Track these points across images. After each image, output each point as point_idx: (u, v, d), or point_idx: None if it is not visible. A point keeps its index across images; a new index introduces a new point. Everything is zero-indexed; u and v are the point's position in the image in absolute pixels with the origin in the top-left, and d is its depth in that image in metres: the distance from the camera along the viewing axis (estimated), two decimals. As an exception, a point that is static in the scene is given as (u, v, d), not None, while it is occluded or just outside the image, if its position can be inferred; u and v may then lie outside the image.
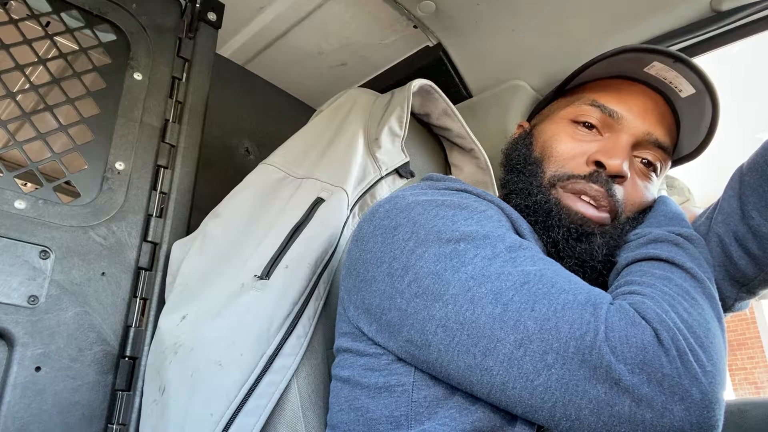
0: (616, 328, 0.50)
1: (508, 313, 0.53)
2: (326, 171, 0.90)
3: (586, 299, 0.52)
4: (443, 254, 0.58)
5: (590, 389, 0.49)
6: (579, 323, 0.51)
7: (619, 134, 0.74)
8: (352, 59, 1.31)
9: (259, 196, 0.87)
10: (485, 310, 0.54)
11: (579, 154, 0.75)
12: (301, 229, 0.81)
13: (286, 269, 0.77)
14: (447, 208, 0.63)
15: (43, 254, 0.75)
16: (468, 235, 0.59)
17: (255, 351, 0.71)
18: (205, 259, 0.80)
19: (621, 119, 0.75)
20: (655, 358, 0.48)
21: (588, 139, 0.76)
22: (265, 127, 1.36)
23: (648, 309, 0.52)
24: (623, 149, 0.73)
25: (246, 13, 1.19)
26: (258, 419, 0.68)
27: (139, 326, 0.81)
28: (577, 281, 0.56)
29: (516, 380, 0.51)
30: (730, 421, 1.02)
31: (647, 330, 0.50)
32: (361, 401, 0.63)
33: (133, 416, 0.76)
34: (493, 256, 0.57)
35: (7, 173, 0.76)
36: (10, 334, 0.70)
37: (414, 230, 0.61)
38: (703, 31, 1.07)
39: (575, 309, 0.52)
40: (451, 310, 0.55)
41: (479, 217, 0.62)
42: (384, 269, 0.62)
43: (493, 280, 0.55)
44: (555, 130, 0.79)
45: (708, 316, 0.54)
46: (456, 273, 0.56)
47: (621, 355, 0.49)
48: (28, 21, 0.87)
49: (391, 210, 0.65)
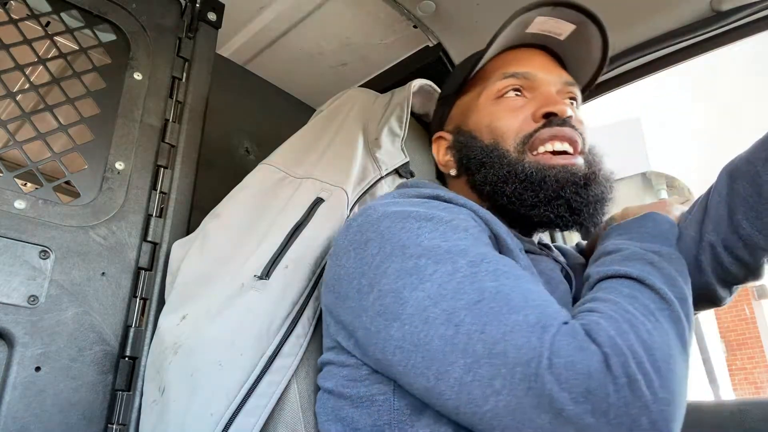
0: (562, 353, 0.48)
1: (459, 335, 0.52)
2: (326, 171, 0.90)
3: (536, 320, 0.50)
4: (404, 270, 0.58)
5: (536, 418, 0.47)
6: (526, 348, 0.48)
7: (542, 88, 0.79)
8: (352, 59, 1.31)
9: (258, 197, 0.87)
10: (438, 331, 0.53)
11: (523, 117, 0.77)
12: (301, 229, 0.81)
13: (286, 269, 0.77)
14: (413, 220, 0.62)
15: (43, 254, 0.75)
16: (430, 249, 0.58)
17: (255, 351, 0.71)
18: (205, 259, 0.80)
19: (536, 77, 0.79)
20: (600, 386, 0.46)
21: (520, 104, 0.78)
22: (265, 127, 1.36)
23: (601, 331, 0.49)
24: (554, 96, 0.78)
25: (246, 13, 1.19)
26: (258, 419, 0.68)
27: (139, 326, 0.81)
28: (534, 297, 0.54)
29: (466, 406, 0.51)
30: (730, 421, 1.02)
31: (596, 355, 0.47)
32: (345, 411, 0.64)
33: (133, 416, 0.76)
34: (453, 271, 0.56)
35: (7, 173, 0.76)
36: (10, 334, 0.70)
37: (381, 244, 0.61)
38: (703, 31, 1.07)
39: (523, 332, 0.50)
40: (407, 330, 0.55)
41: (444, 228, 0.61)
42: (354, 285, 0.62)
43: (449, 299, 0.54)
44: (487, 113, 0.80)
45: (671, 340, 0.52)
46: (414, 291, 0.56)
47: (565, 383, 0.46)
48: (28, 21, 0.87)
49: (363, 224, 0.66)
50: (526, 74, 0.79)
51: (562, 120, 0.75)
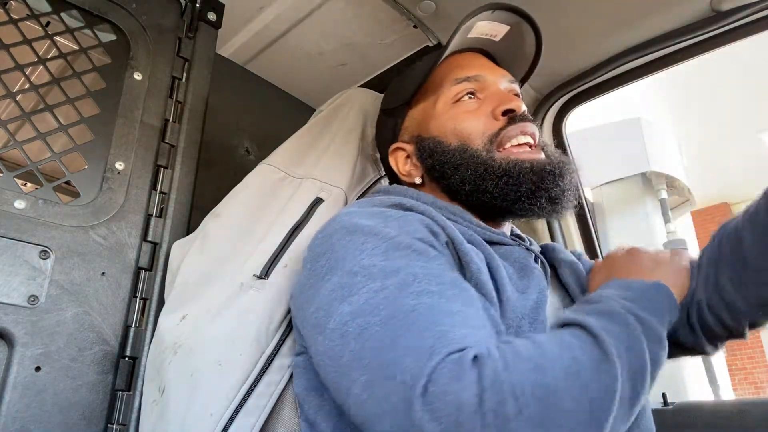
0: (439, 382, 0.46)
1: (364, 351, 0.52)
2: (325, 171, 0.90)
3: (430, 345, 0.49)
4: (340, 284, 0.59)
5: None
6: (410, 373, 0.48)
7: (492, 88, 0.82)
8: (352, 59, 1.31)
9: (258, 196, 0.87)
10: (348, 346, 0.54)
11: (484, 117, 0.80)
12: (301, 228, 0.81)
13: (285, 268, 0.77)
14: (360, 235, 0.63)
15: (43, 254, 0.75)
16: (366, 267, 0.59)
17: (254, 351, 0.71)
18: (204, 259, 0.81)
19: (485, 78, 0.83)
20: (468, 420, 0.44)
21: (477, 105, 0.82)
22: (265, 127, 1.36)
23: (490, 363, 0.47)
24: (506, 95, 0.81)
25: (246, 13, 1.19)
26: (257, 419, 0.68)
27: (139, 326, 0.81)
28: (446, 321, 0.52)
29: (367, 425, 0.51)
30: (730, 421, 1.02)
31: (471, 388, 0.45)
32: (310, 417, 0.65)
33: (133, 416, 0.76)
34: (380, 288, 0.56)
35: (7, 173, 0.76)
36: (10, 334, 0.70)
37: (329, 258, 0.63)
38: (703, 31, 1.07)
39: (414, 355, 0.49)
40: (328, 344, 0.56)
41: (386, 246, 0.61)
42: (305, 297, 0.64)
43: (366, 315, 0.54)
44: (449, 117, 0.82)
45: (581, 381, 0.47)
46: (341, 304, 0.57)
47: (435, 413, 0.45)
48: (28, 21, 0.87)
49: (323, 236, 0.67)
50: (477, 77, 0.83)
51: (522, 115, 0.79)
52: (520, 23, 0.86)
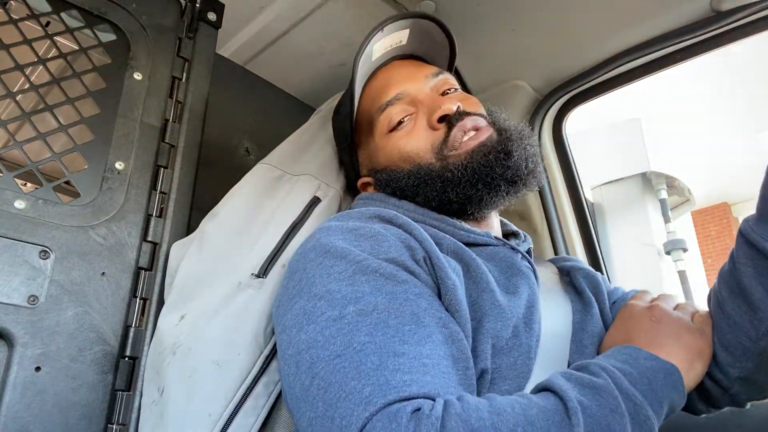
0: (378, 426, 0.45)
1: (311, 387, 0.53)
2: (322, 169, 0.90)
3: (369, 393, 0.48)
4: (303, 309, 0.59)
5: None
6: (345, 421, 0.47)
7: (418, 98, 0.83)
8: (352, 59, 1.31)
9: (256, 195, 0.87)
10: (299, 378, 0.55)
11: (423, 132, 0.80)
12: (299, 227, 0.81)
13: (284, 268, 0.77)
14: (330, 257, 0.63)
15: (43, 254, 0.75)
16: (330, 293, 0.59)
17: (252, 351, 0.71)
18: (203, 259, 0.81)
19: (407, 91, 0.83)
20: None
21: (411, 125, 0.82)
22: (265, 127, 1.36)
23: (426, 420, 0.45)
24: (434, 100, 0.81)
25: (246, 13, 1.19)
26: (256, 419, 0.68)
27: (139, 326, 0.81)
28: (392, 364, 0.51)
29: None
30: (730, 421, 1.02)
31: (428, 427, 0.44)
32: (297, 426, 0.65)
33: (133, 416, 0.76)
34: (338, 318, 0.56)
35: (7, 173, 0.76)
36: (10, 334, 0.70)
37: (300, 278, 0.64)
38: (703, 31, 1.07)
39: (352, 402, 0.48)
40: (285, 371, 0.58)
41: (354, 270, 0.60)
42: (278, 312, 0.66)
43: (318, 347, 0.55)
44: (392, 146, 0.83)
45: None
46: (300, 332, 0.58)
47: None
48: (28, 21, 0.87)
49: (299, 254, 0.68)
50: (398, 95, 0.83)
51: (457, 114, 0.79)
52: (416, 21, 0.87)
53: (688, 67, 1.17)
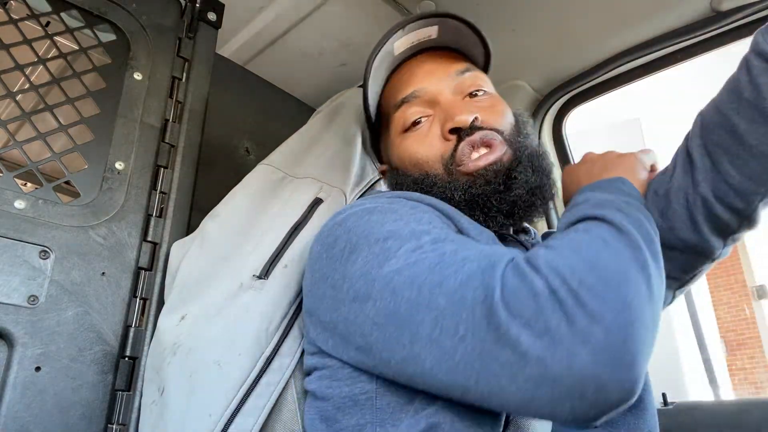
0: (508, 284, 0.49)
1: (422, 294, 0.53)
2: (325, 171, 0.90)
3: (488, 263, 0.52)
4: (372, 254, 0.59)
5: (499, 354, 0.47)
6: (481, 288, 0.50)
7: (436, 98, 0.80)
8: (352, 59, 1.31)
9: (257, 196, 0.87)
10: (404, 296, 0.54)
11: (437, 140, 0.78)
12: (300, 229, 0.81)
13: (285, 269, 0.77)
14: (378, 213, 0.64)
15: (43, 254, 0.75)
16: (394, 232, 0.60)
17: (253, 351, 0.71)
18: (204, 259, 0.81)
19: (426, 90, 0.80)
20: (547, 304, 0.47)
21: (426, 128, 0.80)
22: (265, 127, 1.36)
23: (540, 258, 0.51)
24: (451, 104, 0.78)
25: (246, 13, 1.19)
26: (257, 419, 0.68)
27: (139, 326, 0.81)
28: (489, 249, 0.56)
29: (441, 361, 0.51)
30: (730, 421, 1.03)
31: (537, 279, 0.48)
32: (329, 412, 0.64)
33: (133, 416, 0.76)
34: (417, 246, 0.58)
35: (7, 173, 0.76)
36: (10, 334, 0.70)
37: (348, 239, 0.63)
38: (703, 31, 1.07)
39: (477, 275, 0.52)
40: (379, 305, 0.56)
41: (408, 218, 0.63)
42: (329, 283, 0.63)
43: (411, 266, 0.56)
44: (404, 148, 0.82)
45: (622, 261, 0.50)
46: (381, 268, 0.58)
47: (515, 310, 0.47)
48: (28, 21, 0.87)
49: (331, 227, 0.67)
50: (415, 92, 0.80)
51: (467, 129, 0.75)
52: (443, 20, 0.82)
53: (688, 67, 1.17)
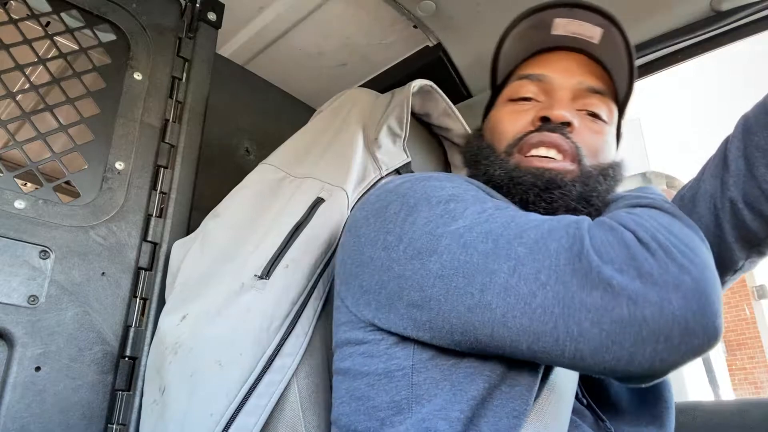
0: (597, 235, 0.51)
1: (498, 246, 0.54)
2: (326, 171, 0.89)
3: (569, 221, 0.55)
4: (434, 215, 0.60)
5: (586, 297, 0.49)
6: (565, 237, 0.52)
7: (553, 93, 0.77)
8: (352, 59, 1.31)
9: (258, 196, 0.87)
10: (477, 248, 0.55)
11: (523, 121, 0.76)
12: (302, 228, 0.81)
13: (286, 269, 0.77)
14: (435, 179, 0.65)
15: (43, 254, 0.75)
16: (456, 195, 0.61)
17: (255, 351, 0.71)
18: (205, 259, 0.80)
19: (551, 80, 0.78)
20: (639, 252, 0.49)
21: (527, 108, 0.78)
22: (265, 127, 1.36)
23: (624, 217, 0.54)
24: (562, 101, 0.75)
25: (246, 13, 1.19)
26: (258, 419, 0.68)
27: (139, 326, 0.81)
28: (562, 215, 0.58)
29: (515, 307, 0.51)
30: (730, 421, 1.02)
31: (626, 233, 0.51)
32: (361, 391, 0.63)
33: (133, 416, 0.76)
34: (482, 210, 0.59)
35: (7, 173, 0.76)
36: (10, 334, 0.70)
37: (404, 201, 0.63)
38: (703, 31, 1.07)
39: (560, 228, 0.53)
40: (446, 258, 0.56)
41: (465, 186, 0.64)
42: (379, 245, 0.63)
43: (483, 223, 0.57)
44: (498, 114, 0.81)
45: (688, 231, 0.54)
46: (448, 226, 0.58)
47: (606, 257, 0.49)
48: (28, 21, 0.87)
49: (380, 194, 0.67)
50: (540, 76, 0.78)
51: (554, 126, 0.72)
52: (610, 26, 0.76)
53: (688, 67, 1.17)
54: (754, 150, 0.64)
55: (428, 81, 1.02)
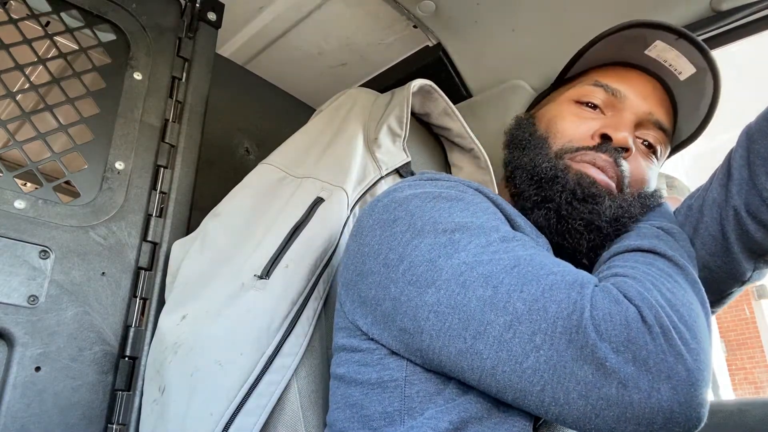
0: (600, 306, 0.50)
1: (498, 295, 0.53)
2: (326, 171, 0.89)
3: (574, 279, 0.53)
4: (438, 243, 0.59)
5: (578, 370, 0.48)
6: (566, 302, 0.50)
7: (622, 112, 0.76)
8: (352, 59, 1.31)
9: (258, 196, 0.87)
10: (476, 293, 0.54)
11: (584, 130, 0.75)
12: (301, 228, 0.81)
13: (286, 269, 0.77)
14: (444, 200, 0.64)
15: (43, 254, 0.75)
16: (463, 225, 0.60)
17: (255, 350, 0.71)
18: (205, 259, 0.80)
19: (624, 98, 0.76)
20: (639, 335, 0.48)
21: (591, 116, 0.77)
22: (265, 127, 1.36)
23: (630, 288, 0.52)
24: (627, 125, 0.74)
25: (246, 13, 1.19)
26: (258, 419, 0.68)
27: (139, 326, 0.81)
28: (566, 265, 0.56)
29: (505, 363, 0.51)
30: (730, 421, 1.03)
31: (630, 308, 0.50)
32: (355, 398, 0.63)
33: (133, 416, 0.76)
34: (487, 244, 0.57)
35: (7, 173, 0.76)
36: (10, 334, 0.70)
37: (411, 222, 0.62)
38: (703, 31, 1.07)
39: (562, 289, 0.52)
40: (443, 294, 0.56)
41: (475, 209, 0.62)
42: (380, 260, 0.62)
43: (485, 264, 0.55)
44: (559, 110, 0.80)
45: (691, 298, 0.54)
46: (449, 259, 0.57)
47: (605, 334, 0.48)
48: (28, 21, 0.87)
49: (389, 204, 0.66)
50: (616, 91, 0.76)
51: (613, 149, 0.72)
52: (705, 70, 0.75)
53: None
54: (756, 158, 0.64)
55: (428, 81, 1.02)
